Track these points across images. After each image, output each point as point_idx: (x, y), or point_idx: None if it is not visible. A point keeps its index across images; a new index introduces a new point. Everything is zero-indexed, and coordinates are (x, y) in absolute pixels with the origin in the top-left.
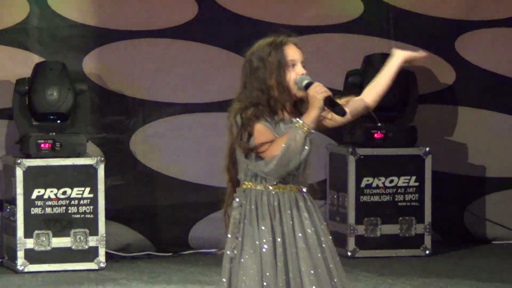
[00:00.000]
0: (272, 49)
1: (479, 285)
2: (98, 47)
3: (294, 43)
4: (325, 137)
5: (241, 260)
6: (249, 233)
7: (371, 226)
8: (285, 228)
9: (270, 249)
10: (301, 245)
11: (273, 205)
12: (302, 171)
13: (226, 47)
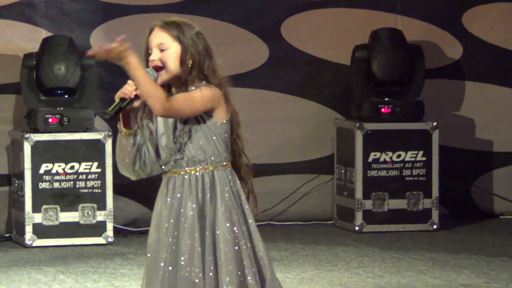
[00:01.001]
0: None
1: (487, 259)
2: (105, 21)
3: (160, 26)
4: (332, 112)
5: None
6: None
7: (379, 200)
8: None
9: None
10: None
11: (166, 188)
12: (176, 156)
13: (234, 22)
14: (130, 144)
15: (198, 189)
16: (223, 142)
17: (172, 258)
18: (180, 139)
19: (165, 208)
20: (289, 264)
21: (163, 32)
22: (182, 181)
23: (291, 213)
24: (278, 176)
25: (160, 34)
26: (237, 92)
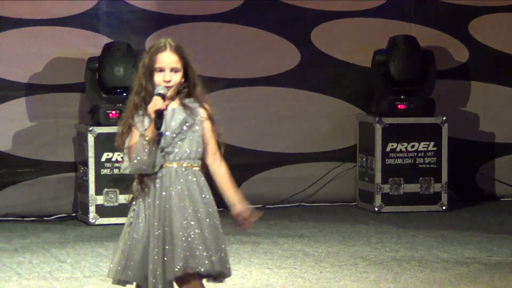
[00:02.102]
0: (148, 54)
1: (489, 236)
2: (158, 29)
3: (172, 49)
4: (355, 108)
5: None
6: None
7: (395, 185)
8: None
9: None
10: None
11: (155, 182)
12: (173, 149)
13: (270, 29)
14: (154, 148)
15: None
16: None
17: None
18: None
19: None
20: (317, 240)
21: (175, 56)
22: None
23: (319, 195)
24: (308, 163)
25: (172, 57)
26: (272, 91)
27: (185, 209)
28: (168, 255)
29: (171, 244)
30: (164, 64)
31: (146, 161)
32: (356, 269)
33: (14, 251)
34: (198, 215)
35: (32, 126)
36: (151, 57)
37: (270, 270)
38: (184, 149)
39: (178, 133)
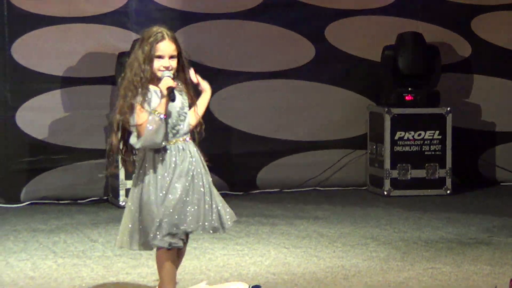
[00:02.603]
0: (148, 42)
1: (490, 218)
2: (183, 26)
3: (170, 38)
4: (366, 99)
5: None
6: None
7: (403, 170)
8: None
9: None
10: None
11: (164, 159)
12: (179, 127)
13: (287, 26)
14: (164, 124)
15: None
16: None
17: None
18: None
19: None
20: (331, 221)
21: (173, 44)
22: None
23: (333, 180)
24: (322, 150)
25: (171, 45)
26: (290, 83)
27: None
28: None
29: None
30: (164, 52)
31: (158, 135)
32: (367, 248)
33: (50, 232)
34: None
35: (67, 116)
36: (152, 46)
37: (287, 249)
38: (185, 126)
39: (181, 113)
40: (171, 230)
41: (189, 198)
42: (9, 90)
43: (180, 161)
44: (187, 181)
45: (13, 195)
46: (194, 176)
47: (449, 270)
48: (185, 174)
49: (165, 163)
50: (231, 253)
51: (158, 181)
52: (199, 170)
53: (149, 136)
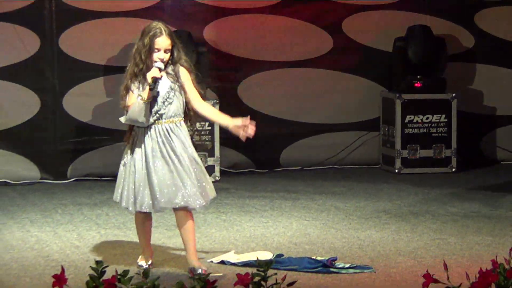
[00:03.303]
0: (148, 36)
1: (491, 194)
2: (214, 20)
3: (167, 34)
4: (379, 86)
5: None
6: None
7: (412, 150)
8: (148, 148)
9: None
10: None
11: (148, 135)
12: (167, 111)
13: (307, 20)
14: (148, 107)
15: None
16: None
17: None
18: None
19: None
20: (347, 197)
21: (169, 40)
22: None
23: (349, 159)
24: (339, 132)
25: (168, 41)
26: (310, 71)
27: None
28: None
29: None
30: (161, 46)
31: (140, 116)
32: (380, 221)
33: (93, 205)
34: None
35: (109, 101)
36: (151, 39)
37: (307, 221)
38: (172, 110)
39: (167, 98)
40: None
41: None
42: (57, 77)
43: (161, 141)
44: (161, 161)
45: (61, 173)
46: (164, 155)
47: (454, 241)
48: (160, 154)
49: (147, 139)
50: (257, 225)
51: (136, 156)
52: (178, 150)
53: (132, 115)
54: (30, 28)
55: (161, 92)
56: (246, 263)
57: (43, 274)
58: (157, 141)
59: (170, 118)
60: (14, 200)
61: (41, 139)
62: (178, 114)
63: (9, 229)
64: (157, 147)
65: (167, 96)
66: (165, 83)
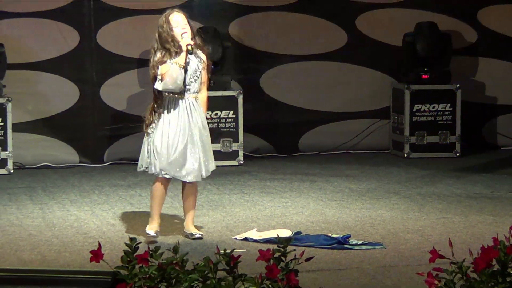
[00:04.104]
0: (164, 21)
1: (492, 176)
2: (238, 17)
3: (182, 12)
4: (389, 77)
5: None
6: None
7: (420, 137)
8: (181, 119)
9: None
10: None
11: (178, 106)
12: (192, 86)
13: (323, 17)
14: (182, 73)
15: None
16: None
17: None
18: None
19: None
20: (360, 179)
21: (182, 14)
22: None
23: (361, 145)
24: (352, 120)
25: (181, 16)
26: (326, 64)
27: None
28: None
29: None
30: (177, 21)
31: (176, 81)
32: (390, 201)
33: (127, 187)
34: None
35: (142, 91)
36: (167, 22)
37: (324, 202)
38: (196, 86)
39: (194, 75)
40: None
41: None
42: (95, 70)
43: (190, 112)
44: (185, 133)
45: (98, 157)
46: (192, 128)
47: (458, 220)
48: (188, 125)
49: (176, 111)
50: (277, 204)
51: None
52: (200, 124)
53: (170, 80)
54: (71, 24)
55: (190, 69)
56: (267, 240)
57: (82, 250)
58: (186, 112)
59: (193, 94)
60: (55, 182)
61: (80, 126)
62: (198, 91)
63: (51, 208)
64: (186, 118)
65: (194, 73)
66: (193, 60)
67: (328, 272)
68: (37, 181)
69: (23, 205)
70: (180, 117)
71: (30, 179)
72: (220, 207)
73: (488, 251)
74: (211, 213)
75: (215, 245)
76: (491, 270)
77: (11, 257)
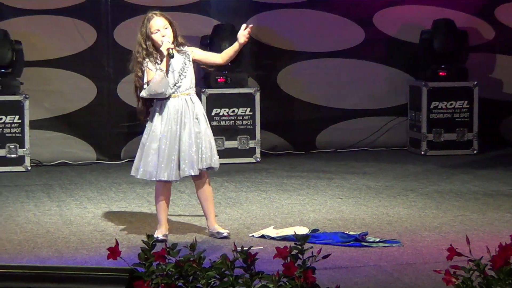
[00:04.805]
0: (143, 24)
1: (510, 173)
2: (255, 14)
3: (160, 15)
4: (406, 75)
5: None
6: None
7: (437, 134)
8: (173, 120)
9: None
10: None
11: (168, 107)
12: (182, 83)
13: (340, 14)
14: (167, 78)
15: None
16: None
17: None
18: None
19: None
20: (377, 176)
21: (162, 18)
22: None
23: (379, 142)
24: (370, 117)
25: (161, 19)
26: (343, 61)
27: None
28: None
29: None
30: (158, 26)
31: (161, 87)
32: (407, 198)
33: (145, 184)
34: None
35: None
36: (146, 26)
37: (341, 199)
38: (187, 83)
39: (182, 71)
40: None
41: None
42: (112, 67)
43: (182, 110)
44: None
45: (115, 154)
46: (186, 124)
47: (475, 217)
48: (181, 125)
49: (167, 112)
50: (294, 202)
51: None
52: (194, 119)
53: (153, 86)
54: (88, 21)
55: (176, 66)
56: (284, 238)
57: (99, 247)
58: (179, 111)
59: (185, 91)
60: (72, 179)
61: (97, 123)
62: (191, 87)
63: (68, 205)
64: (178, 117)
65: (182, 70)
66: (178, 58)
67: (345, 269)
68: (55, 178)
69: (40, 202)
70: (171, 119)
71: (47, 176)
72: (237, 204)
73: (506, 248)
74: (228, 210)
75: (232, 243)
76: (509, 268)
77: (29, 254)
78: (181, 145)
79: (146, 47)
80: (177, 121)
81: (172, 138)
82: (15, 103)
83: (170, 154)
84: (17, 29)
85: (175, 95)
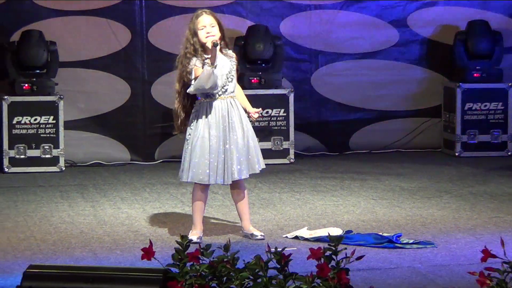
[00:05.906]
0: (191, 20)
1: None
2: (289, 15)
3: (208, 13)
4: (440, 76)
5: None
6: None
7: (471, 135)
8: (220, 123)
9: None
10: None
11: (215, 109)
12: (228, 87)
13: (375, 15)
14: (215, 73)
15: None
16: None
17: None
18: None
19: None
20: (410, 177)
21: (210, 16)
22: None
23: (412, 143)
24: (404, 118)
25: (208, 17)
26: (377, 62)
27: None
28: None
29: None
30: (204, 23)
31: (208, 82)
32: (441, 200)
33: (179, 185)
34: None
35: None
36: (194, 23)
37: (375, 200)
38: (232, 86)
39: (228, 76)
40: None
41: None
42: (146, 68)
43: (227, 113)
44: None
45: (149, 155)
46: (234, 129)
47: (510, 219)
48: (228, 128)
49: (214, 114)
50: (328, 203)
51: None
52: (240, 123)
53: (201, 81)
54: (122, 22)
55: (224, 69)
56: (318, 239)
57: (133, 248)
58: (225, 114)
59: (230, 94)
60: (106, 180)
61: (131, 124)
62: (233, 91)
63: (102, 206)
64: (226, 119)
65: (229, 73)
66: (226, 62)
67: (379, 271)
68: (89, 179)
69: (74, 203)
70: (218, 121)
71: (81, 177)
72: (271, 205)
73: None
74: (261, 211)
75: (266, 244)
76: None
77: (63, 254)
78: (231, 148)
79: (192, 44)
80: (225, 123)
81: (221, 141)
82: (49, 104)
83: (219, 157)
84: (52, 30)
85: (221, 97)
